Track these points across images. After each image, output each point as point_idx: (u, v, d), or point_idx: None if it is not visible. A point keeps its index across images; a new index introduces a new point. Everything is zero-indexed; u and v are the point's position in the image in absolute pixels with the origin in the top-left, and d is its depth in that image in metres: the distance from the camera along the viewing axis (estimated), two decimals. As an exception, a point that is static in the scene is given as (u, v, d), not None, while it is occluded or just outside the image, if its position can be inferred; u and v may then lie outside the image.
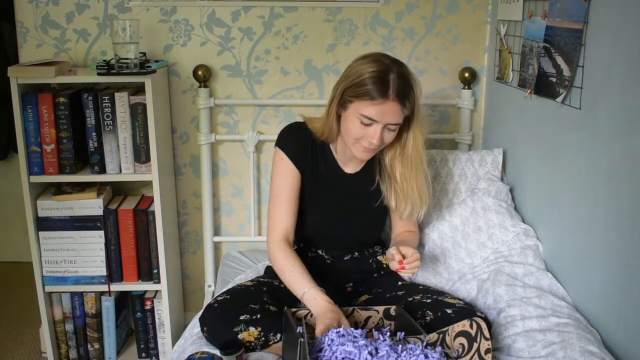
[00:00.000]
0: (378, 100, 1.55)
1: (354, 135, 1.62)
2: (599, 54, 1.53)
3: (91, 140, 2.05)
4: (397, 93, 1.55)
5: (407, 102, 1.58)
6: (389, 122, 1.58)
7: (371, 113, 1.56)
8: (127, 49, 2.00)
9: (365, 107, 1.57)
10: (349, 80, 1.60)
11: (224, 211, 2.43)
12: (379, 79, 1.55)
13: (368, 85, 1.55)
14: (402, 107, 1.57)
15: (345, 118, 1.63)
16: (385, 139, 1.62)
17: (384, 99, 1.55)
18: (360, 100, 1.57)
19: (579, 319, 1.58)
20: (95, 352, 2.24)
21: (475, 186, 2.12)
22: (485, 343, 1.34)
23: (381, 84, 1.55)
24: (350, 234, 1.80)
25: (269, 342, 1.52)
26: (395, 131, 1.63)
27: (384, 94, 1.54)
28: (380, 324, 1.53)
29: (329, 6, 2.28)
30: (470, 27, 2.33)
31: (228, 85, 2.33)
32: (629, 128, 1.42)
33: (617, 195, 1.47)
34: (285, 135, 1.77)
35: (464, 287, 1.83)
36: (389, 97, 1.55)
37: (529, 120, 1.97)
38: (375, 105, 1.55)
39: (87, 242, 2.11)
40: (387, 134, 1.62)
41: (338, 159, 1.79)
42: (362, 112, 1.57)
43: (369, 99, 1.55)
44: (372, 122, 1.58)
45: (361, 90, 1.56)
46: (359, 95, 1.57)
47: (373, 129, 1.59)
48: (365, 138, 1.61)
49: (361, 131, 1.60)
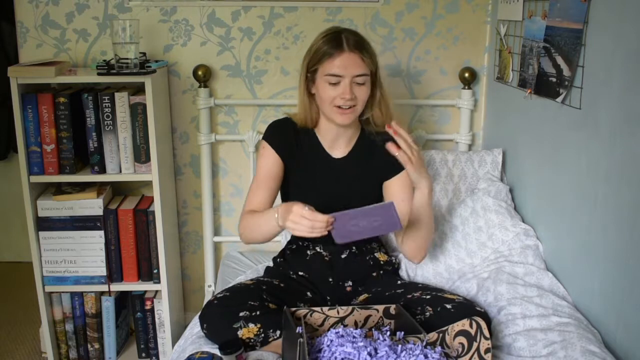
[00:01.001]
0: (336, 55, 1.66)
1: (328, 100, 1.70)
2: (599, 54, 1.53)
3: (91, 140, 2.05)
4: (352, 44, 1.67)
5: (364, 51, 1.68)
6: (353, 73, 1.67)
7: (333, 69, 1.67)
8: (127, 49, 2.00)
9: (327, 66, 1.68)
10: (308, 54, 1.74)
11: (224, 211, 2.43)
12: (331, 38, 1.69)
13: (323, 47, 1.69)
14: (361, 56, 1.67)
15: (317, 89, 1.73)
16: (357, 94, 1.69)
17: (340, 52, 1.66)
18: (321, 63, 1.69)
19: (580, 319, 1.58)
20: (95, 352, 2.24)
21: (475, 186, 2.12)
22: (485, 342, 1.34)
23: (335, 41, 1.68)
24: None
25: (268, 339, 1.53)
26: (365, 85, 1.70)
27: (339, 48, 1.67)
28: (380, 323, 1.53)
29: (329, 6, 2.28)
30: (470, 27, 2.33)
31: (228, 85, 2.33)
32: (629, 128, 1.42)
33: (617, 195, 1.47)
34: (269, 129, 1.84)
35: (464, 286, 1.83)
36: (345, 49, 1.67)
37: (529, 120, 1.97)
38: (335, 60, 1.67)
39: (87, 242, 2.11)
40: (358, 88, 1.69)
41: (324, 144, 1.83)
42: (326, 71, 1.68)
43: (328, 57, 1.67)
44: (338, 78, 1.67)
45: (319, 54, 1.69)
46: (319, 59, 1.69)
47: (342, 86, 1.67)
48: (338, 97, 1.68)
49: (332, 92, 1.68)
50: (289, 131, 1.82)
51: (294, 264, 1.85)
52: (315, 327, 1.50)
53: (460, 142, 2.37)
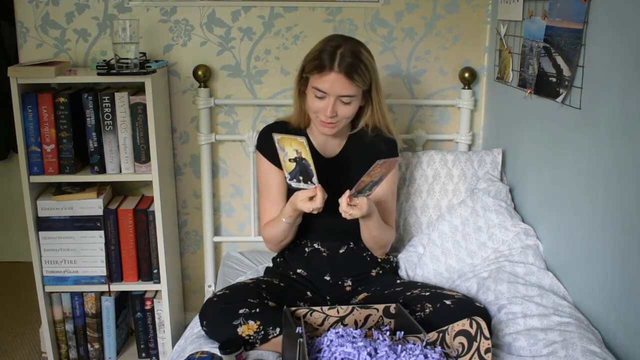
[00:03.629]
0: (325, 72, 1.67)
1: (313, 110, 1.73)
2: (599, 54, 1.53)
3: (91, 140, 2.05)
4: (342, 66, 1.66)
5: (354, 74, 1.67)
6: (338, 94, 1.68)
7: (320, 85, 1.68)
8: (127, 49, 2.00)
9: (316, 80, 1.69)
10: (306, 58, 1.75)
11: (224, 211, 2.43)
12: (327, 52, 1.68)
13: (317, 59, 1.69)
14: (349, 79, 1.67)
15: (306, 95, 1.76)
16: (340, 112, 1.71)
17: (329, 71, 1.66)
18: (312, 74, 1.70)
19: (581, 319, 1.58)
20: (95, 352, 2.24)
21: (475, 186, 2.12)
22: (485, 342, 1.34)
23: (328, 56, 1.67)
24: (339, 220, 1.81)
25: (268, 337, 1.53)
26: (350, 105, 1.72)
27: (329, 66, 1.66)
28: (380, 322, 1.53)
29: (329, 6, 2.28)
30: (470, 27, 2.33)
31: (228, 85, 2.33)
32: (629, 128, 1.42)
33: (617, 195, 1.47)
34: (259, 138, 1.90)
35: (464, 285, 1.83)
36: (334, 69, 1.66)
37: (529, 120, 1.97)
38: (323, 77, 1.67)
39: (87, 242, 2.11)
40: (342, 107, 1.71)
41: (316, 145, 1.85)
42: (314, 84, 1.70)
43: (317, 72, 1.68)
44: (324, 94, 1.69)
45: (313, 64, 1.70)
46: (311, 69, 1.70)
47: (325, 102, 1.69)
48: (321, 111, 1.71)
49: (317, 104, 1.71)
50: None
51: (293, 262, 1.86)
52: (315, 326, 1.50)
53: (460, 142, 2.37)
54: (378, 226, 1.78)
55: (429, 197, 2.15)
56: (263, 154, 1.86)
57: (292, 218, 1.74)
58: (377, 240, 1.83)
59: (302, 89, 1.79)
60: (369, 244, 1.86)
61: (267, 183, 1.86)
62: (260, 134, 1.90)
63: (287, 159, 1.64)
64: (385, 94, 2.27)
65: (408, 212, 2.16)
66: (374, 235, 1.80)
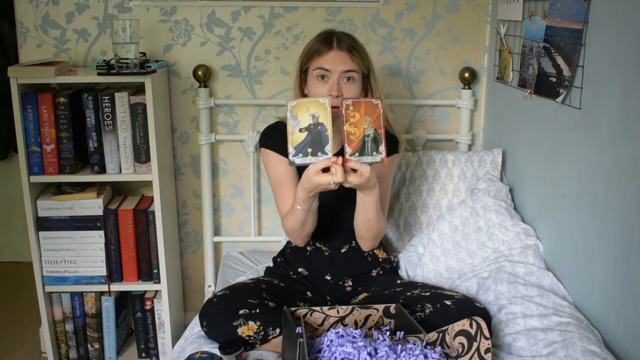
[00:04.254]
0: (325, 51, 1.74)
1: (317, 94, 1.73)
2: (599, 54, 1.53)
3: (91, 140, 2.05)
4: (341, 43, 1.75)
5: (354, 51, 1.74)
6: (341, 69, 1.72)
7: (322, 63, 1.73)
8: (127, 49, 2.00)
9: (317, 62, 1.74)
10: (302, 55, 1.81)
11: (224, 211, 2.44)
12: (323, 37, 1.78)
13: (314, 45, 1.77)
14: (350, 54, 1.73)
15: (308, 89, 1.79)
16: (345, 91, 1.72)
17: (329, 49, 1.74)
18: (312, 60, 1.76)
19: (581, 319, 1.58)
20: (95, 352, 2.24)
21: (475, 186, 2.12)
22: (485, 342, 1.34)
23: (325, 39, 1.76)
24: (341, 218, 1.81)
25: (268, 337, 1.53)
26: (354, 83, 1.74)
27: (329, 45, 1.74)
28: (380, 322, 1.53)
29: (329, 6, 2.28)
30: (470, 27, 2.33)
31: (228, 85, 2.33)
32: (629, 128, 1.42)
33: (617, 195, 1.47)
34: (263, 135, 1.89)
35: (464, 285, 1.83)
36: (334, 46, 1.74)
37: (529, 120, 1.97)
38: (324, 56, 1.74)
39: (87, 242, 2.11)
40: (346, 85, 1.73)
41: None
42: (316, 66, 1.74)
43: (317, 55, 1.75)
44: (326, 72, 1.72)
45: (311, 52, 1.77)
46: (310, 57, 1.77)
47: (329, 84, 1.72)
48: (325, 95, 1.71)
49: (321, 87, 1.73)
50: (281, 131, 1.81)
51: (294, 261, 1.86)
52: (315, 326, 1.50)
53: (460, 142, 2.37)
54: (376, 208, 1.71)
55: (429, 197, 2.15)
56: (268, 147, 1.83)
57: (306, 203, 1.66)
58: (371, 227, 1.76)
59: (303, 86, 1.81)
60: (361, 232, 1.79)
61: (278, 174, 1.82)
62: (262, 133, 1.90)
63: (298, 129, 1.56)
64: (385, 94, 2.28)
65: (408, 212, 2.16)
66: (369, 218, 1.73)
